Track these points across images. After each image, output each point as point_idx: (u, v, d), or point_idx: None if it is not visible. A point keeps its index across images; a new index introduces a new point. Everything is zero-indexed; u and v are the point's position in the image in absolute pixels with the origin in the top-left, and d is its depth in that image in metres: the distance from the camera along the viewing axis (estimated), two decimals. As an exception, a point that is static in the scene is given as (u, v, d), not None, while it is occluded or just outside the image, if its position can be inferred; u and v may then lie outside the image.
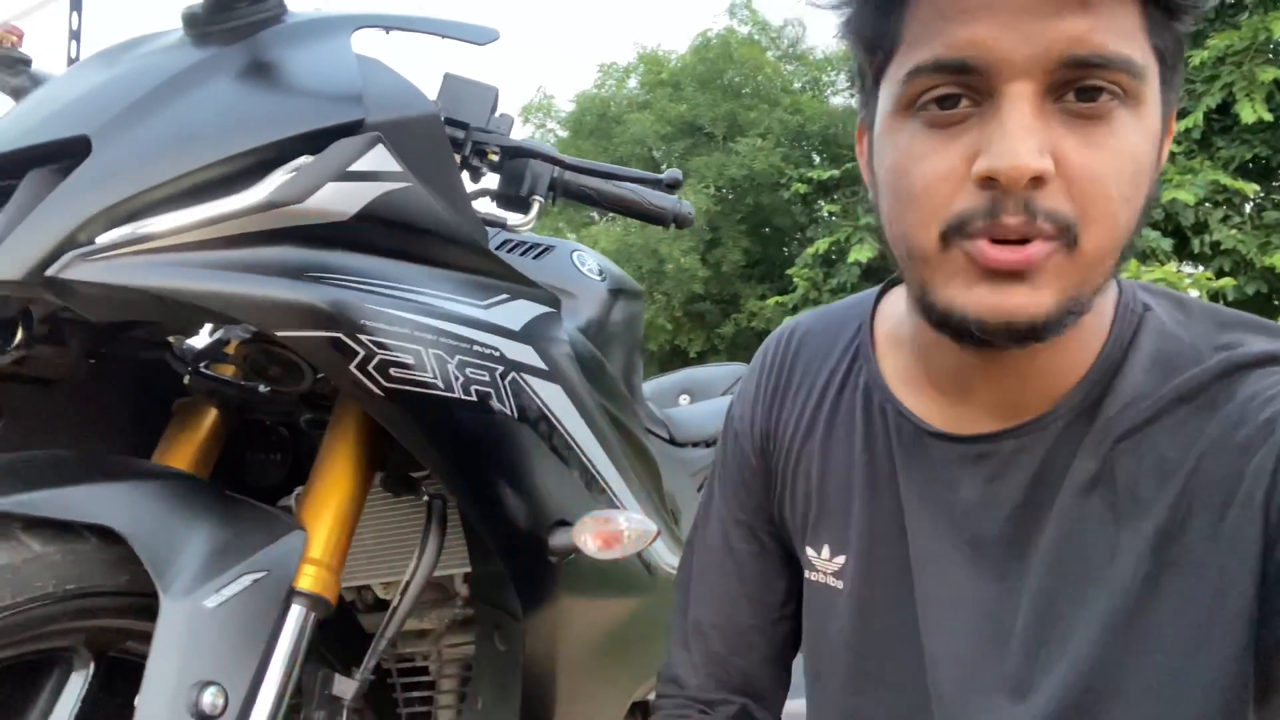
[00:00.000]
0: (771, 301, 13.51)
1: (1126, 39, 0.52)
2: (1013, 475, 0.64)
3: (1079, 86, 0.52)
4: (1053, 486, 0.63)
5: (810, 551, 0.77)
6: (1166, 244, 8.60)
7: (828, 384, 0.78)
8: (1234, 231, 9.17)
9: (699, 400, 1.99)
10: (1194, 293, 7.40)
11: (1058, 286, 0.54)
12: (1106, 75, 0.52)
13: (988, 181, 0.53)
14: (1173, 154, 9.26)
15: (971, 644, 0.65)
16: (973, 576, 0.66)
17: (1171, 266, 7.79)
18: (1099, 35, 0.51)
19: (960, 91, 0.54)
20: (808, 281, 12.28)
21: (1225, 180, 9.01)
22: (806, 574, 0.78)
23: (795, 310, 12.06)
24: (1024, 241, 0.53)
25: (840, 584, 0.74)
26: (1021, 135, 0.51)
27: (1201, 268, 9.21)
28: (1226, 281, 7.65)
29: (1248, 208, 9.59)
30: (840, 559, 0.74)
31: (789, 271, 13.18)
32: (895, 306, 0.77)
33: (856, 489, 0.73)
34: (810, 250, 12.37)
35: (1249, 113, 8.71)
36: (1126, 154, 0.53)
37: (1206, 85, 9.41)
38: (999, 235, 0.53)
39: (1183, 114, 9.71)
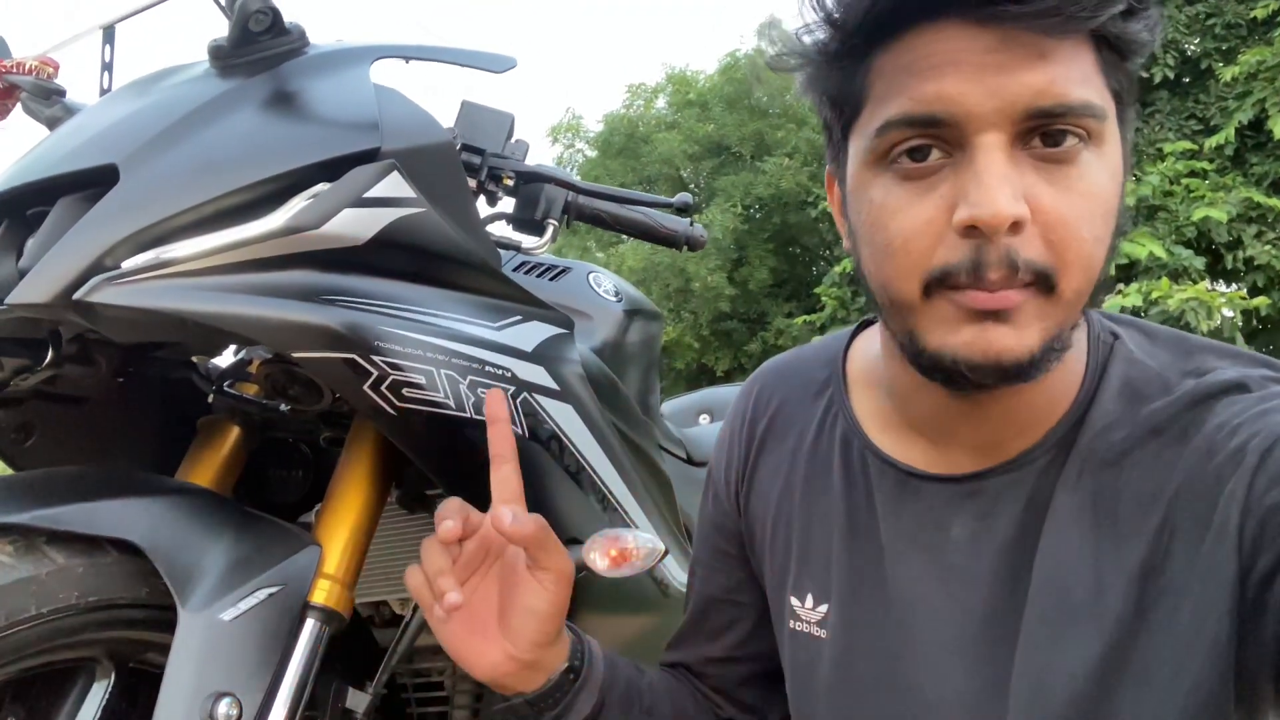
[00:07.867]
0: (799, 320, 13.49)
1: (1085, 84, 0.54)
2: (1003, 511, 0.65)
3: (1045, 131, 0.54)
4: (1039, 521, 0.63)
5: (794, 601, 0.77)
6: (1199, 262, 8.49)
7: (804, 433, 0.79)
8: (1267, 247, 9.04)
9: (719, 420, 2.00)
10: (1228, 312, 7.29)
11: (1040, 327, 0.56)
12: (1071, 121, 0.54)
13: (969, 230, 0.54)
14: (1205, 171, 9.15)
15: (967, 683, 0.65)
16: (963, 616, 0.66)
17: (1204, 285, 7.68)
18: (1060, 85, 0.53)
19: (931, 143, 0.56)
20: (835, 300, 12.24)
21: (1258, 197, 8.90)
22: (790, 624, 0.77)
23: (824, 329, 12.03)
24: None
25: (824, 633, 0.74)
26: (998, 184, 0.53)
27: (1235, 285, 9.07)
28: (1260, 300, 7.54)
29: (1282, 224, 9.46)
30: (824, 608, 0.74)
31: (816, 290, 13.17)
32: (868, 348, 0.78)
33: (837, 537, 0.73)
34: (838, 269, 12.35)
35: (1282, 128, 8.65)
36: (1095, 194, 0.55)
37: (1239, 101, 9.32)
38: (983, 286, 0.55)
39: (1214, 130, 9.61)
